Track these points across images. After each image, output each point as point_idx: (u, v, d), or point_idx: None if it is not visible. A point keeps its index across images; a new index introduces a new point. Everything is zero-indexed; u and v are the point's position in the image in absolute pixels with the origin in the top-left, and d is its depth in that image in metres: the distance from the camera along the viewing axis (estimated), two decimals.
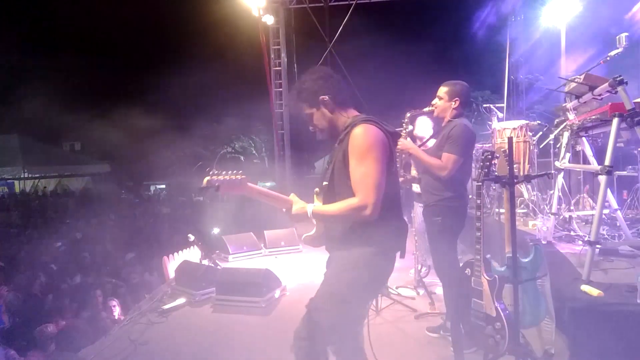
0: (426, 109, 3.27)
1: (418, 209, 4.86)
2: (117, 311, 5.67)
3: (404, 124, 3.35)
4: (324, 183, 2.02)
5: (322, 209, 1.96)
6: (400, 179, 3.64)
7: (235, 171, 1.99)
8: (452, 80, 3.14)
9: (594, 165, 3.74)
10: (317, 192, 2.09)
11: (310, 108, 2.07)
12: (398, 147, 3.17)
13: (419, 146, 3.28)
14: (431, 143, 3.60)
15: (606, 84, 3.13)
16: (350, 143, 1.88)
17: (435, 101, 3.14)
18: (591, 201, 4.41)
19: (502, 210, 2.71)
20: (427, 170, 3.07)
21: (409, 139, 3.24)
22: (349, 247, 1.96)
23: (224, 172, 1.97)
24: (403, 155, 3.21)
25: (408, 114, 3.38)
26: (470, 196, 3.26)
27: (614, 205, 3.72)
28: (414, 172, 3.80)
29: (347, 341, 2.00)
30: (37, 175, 18.52)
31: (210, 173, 1.95)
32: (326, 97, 2.02)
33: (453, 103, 3.06)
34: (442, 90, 3.11)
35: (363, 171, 1.83)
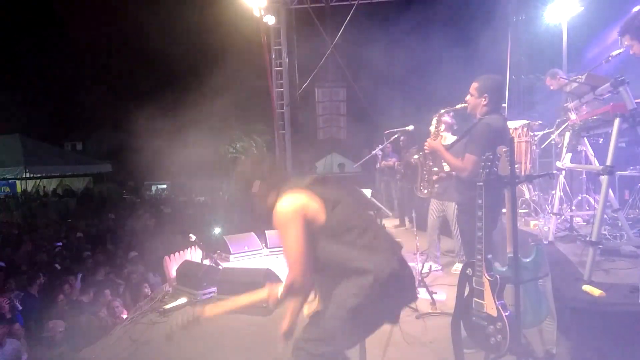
0: (458, 106, 3.21)
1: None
2: (119, 312, 5.68)
3: (435, 123, 3.38)
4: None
5: (282, 293, 2.07)
6: (435, 177, 3.64)
7: (188, 315, 2.21)
8: (486, 74, 3.08)
9: (596, 165, 3.74)
10: None
11: (246, 193, 2.20)
12: (425, 146, 3.20)
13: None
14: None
15: (608, 84, 3.13)
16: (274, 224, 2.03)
17: (468, 97, 3.08)
18: (592, 201, 4.41)
19: (503, 210, 2.70)
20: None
21: (439, 138, 3.23)
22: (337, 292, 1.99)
23: (179, 318, 2.19)
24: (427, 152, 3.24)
25: (442, 110, 3.39)
26: None
27: (616, 205, 3.71)
28: (447, 168, 3.81)
29: None
30: (39, 175, 18.55)
31: (170, 328, 2.22)
32: (256, 183, 2.15)
33: (482, 100, 2.98)
34: (473, 86, 3.04)
35: (284, 246, 1.98)
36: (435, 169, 3.68)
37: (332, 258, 1.98)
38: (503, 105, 6.12)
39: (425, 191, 3.62)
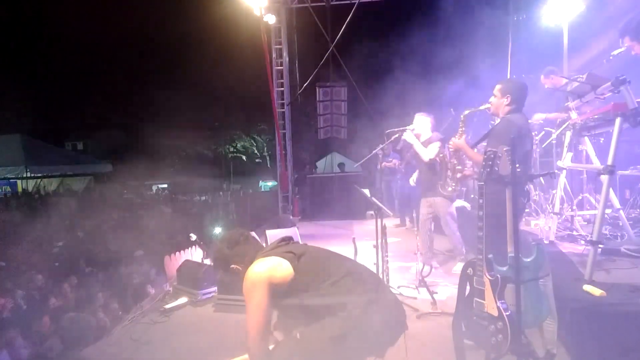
0: (482, 107, 3.37)
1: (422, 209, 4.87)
2: (120, 310, 5.68)
3: (460, 123, 3.48)
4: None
5: None
6: (458, 175, 3.71)
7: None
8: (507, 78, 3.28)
9: (597, 164, 3.73)
10: None
11: (231, 274, 2.25)
12: (450, 145, 3.26)
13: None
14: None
15: (609, 83, 3.12)
16: None
17: (491, 98, 3.21)
18: (593, 200, 4.40)
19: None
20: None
21: (463, 137, 3.29)
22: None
23: None
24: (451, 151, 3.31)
25: (466, 111, 3.50)
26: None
27: (617, 204, 3.71)
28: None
29: None
30: (40, 175, 18.56)
31: None
32: (235, 267, 2.22)
33: (505, 100, 3.12)
34: (496, 87, 3.19)
35: (247, 318, 2.05)
36: (459, 167, 3.77)
37: (308, 309, 2.04)
38: None
39: (450, 188, 3.66)
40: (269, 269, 2.05)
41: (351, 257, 4.53)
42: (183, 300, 4.46)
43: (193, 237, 5.35)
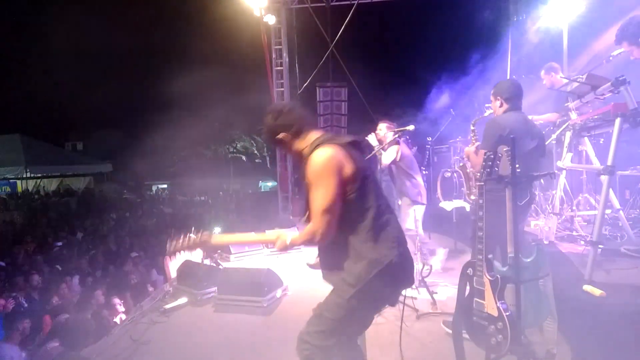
0: (486, 114, 3.51)
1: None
2: (120, 310, 5.68)
3: (471, 131, 3.56)
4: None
5: (294, 239, 2.06)
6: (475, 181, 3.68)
7: (195, 235, 2.22)
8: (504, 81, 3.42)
9: (597, 165, 3.73)
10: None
11: (278, 145, 2.21)
12: (464, 155, 3.34)
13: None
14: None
15: (608, 83, 3.13)
16: (307, 171, 2.00)
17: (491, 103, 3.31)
18: (593, 201, 4.40)
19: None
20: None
21: (474, 145, 3.34)
22: (338, 276, 2.02)
23: (183, 238, 2.21)
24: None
25: (474, 121, 3.69)
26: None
27: (617, 205, 3.71)
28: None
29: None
30: (40, 175, 18.57)
31: (172, 241, 2.21)
32: (281, 135, 2.15)
33: (497, 102, 3.19)
34: (491, 92, 3.27)
35: (314, 197, 1.93)
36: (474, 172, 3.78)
37: (341, 232, 1.96)
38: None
39: (473, 197, 3.67)
40: (340, 161, 1.94)
41: None
42: (183, 300, 4.46)
43: (193, 237, 5.34)
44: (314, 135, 2.13)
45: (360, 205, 1.98)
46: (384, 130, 4.93)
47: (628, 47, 3.24)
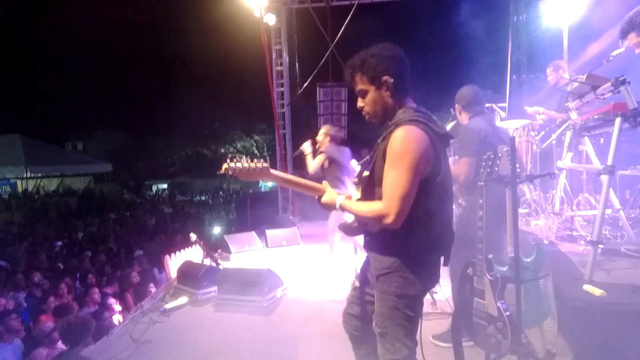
0: (448, 126, 3.58)
1: None
2: (117, 309, 5.69)
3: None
4: (365, 173, 1.95)
5: (349, 205, 1.91)
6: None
7: (256, 160, 2.00)
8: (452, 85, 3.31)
9: (597, 164, 3.73)
10: (356, 181, 2.07)
11: (369, 85, 1.90)
12: None
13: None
14: None
15: (609, 83, 3.12)
16: (389, 144, 1.78)
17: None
18: (593, 201, 4.40)
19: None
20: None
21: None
22: (386, 259, 1.90)
23: (243, 160, 1.99)
24: None
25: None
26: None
27: (617, 205, 3.71)
28: None
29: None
30: (40, 175, 18.57)
31: (229, 159, 1.97)
32: (390, 80, 1.86)
33: (458, 112, 3.22)
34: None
35: (393, 178, 1.74)
36: None
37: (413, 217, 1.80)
38: (501, 105, 6.15)
39: (464, 203, 3.62)
40: (428, 148, 1.76)
41: (351, 256, 4.56)
42: (183, 300, 4.46)
43: (193, 237, 5.36)
44: (410, 105, 1.90)
45: (433, 198, 1.83)
46: (321, 135, 5.03)
47: (636, 38, 3.20)
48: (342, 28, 9.65)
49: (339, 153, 4.91)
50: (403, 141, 1.74)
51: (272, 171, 2.04)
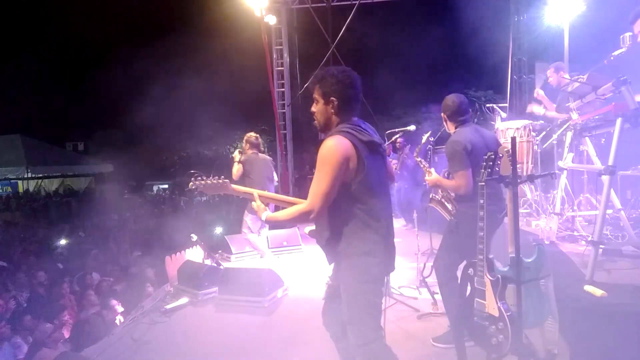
0: (424, 138, 3.85)
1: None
2: (119, 310, 5.69)
3: (419, 162, 3.52)
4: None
5: (275, 215, 2.22)
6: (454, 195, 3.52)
7: (217, 177, 2.33)
8: (444, 92, 3.28)
9: (598, 165, 3.73)
10: None
11: (320, 98, 2.19)
12: (428, 184, 3.21)
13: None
14: None
15: (609, 83, 3.12)
16: (319, 151, 2.05)
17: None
18: (594, 201, 4.39)
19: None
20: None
21: (432, 172, 3.25)
22: (338, 254, 2.14)
23: (207, 178, 2.33)
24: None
25: (417, 150, 3.59)
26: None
27: (618, 205, 3.70)
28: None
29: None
30: (41, 175, 18.60)
31: (194, 178, 2.33)
32: (336, 102, 2.14)
33: (444, 120, 3.20)
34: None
35: (316, 179, 2.02)
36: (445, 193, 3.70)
37: (345, 216, 2.09)
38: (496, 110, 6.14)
39: (453, 210, 3.59)
40: (350, 156, 2.02)
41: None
42: (184, 300, 4.46)
43: (194, 237, 5.36)
44: (353, 118, 2.17)
45: (362, 196, 2.08)
46: (244, 142, 5.48)
47: None
48: (343, 28, 9.64)
49: (254, 162, 5.38)
50: (328, 148, 2.03)
51: (232, 185, 2.40)
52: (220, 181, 2.32)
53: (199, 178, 2.33)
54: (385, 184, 2.26)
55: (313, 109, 2.24)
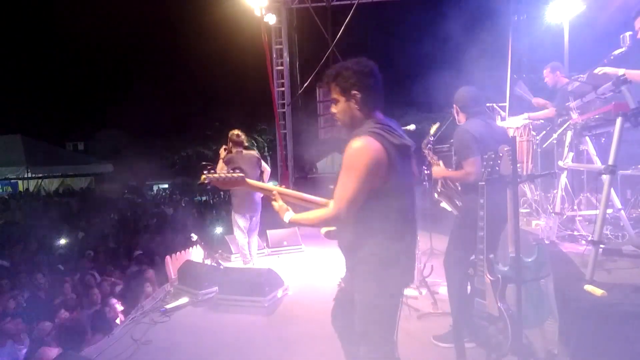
0: (432, 130, 3.61)
1: None
2: (119, 309, 5.69)
3: (428, 154, 3.49)
4: (331, 187, 2.04)
5: (298, 218, 2.09)
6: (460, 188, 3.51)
7: (232, 170, 2.19)
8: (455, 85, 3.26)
9: (598, 164, 3.72)
10: (332, 187, 2.10)
11: (340, 96, 2.02)
12: (434, 177, 3.22)
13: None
14: None
15: (610, 83, 3.12)
16: (345, 152, 1.90)
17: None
18: (594, 200, 4.38)
19: None
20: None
21: (441, 164, 3.25)
22: (359, 261, 2.00)
23: (221, 172, 2.18)
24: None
25: (425, 140, 3.53)
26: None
27: (618, 204, 3.70)
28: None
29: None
30: (41, 175, 18.58)
31: (207, 171, 2.15)
32: (358, 95, 1.98)
33: (455, 112, 3.21)
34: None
35: (343, 182, 1.88)
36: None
37: (370, 221, 1.94)
38: (501, 105, 6.13)
39: (460, 204, 3.60)
40: (380, 160, 1.85)
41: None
42: (184, 300, 4.46)
43: (194, 237, 5.36)
44: (379, 116, 2.01)
45: (385, 207, 1.93)
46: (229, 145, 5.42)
47: None
48: (343, 28, 9.63)
49: (238, 161, 5.27)
50: (356, 150, 1.86)
51: (248, 180, 2.22)
52: (235, 175, 2.17)
53: (212, 171, 2.17)
54: (413, 189, 2.10)
55: (333, 109, 2.06)
